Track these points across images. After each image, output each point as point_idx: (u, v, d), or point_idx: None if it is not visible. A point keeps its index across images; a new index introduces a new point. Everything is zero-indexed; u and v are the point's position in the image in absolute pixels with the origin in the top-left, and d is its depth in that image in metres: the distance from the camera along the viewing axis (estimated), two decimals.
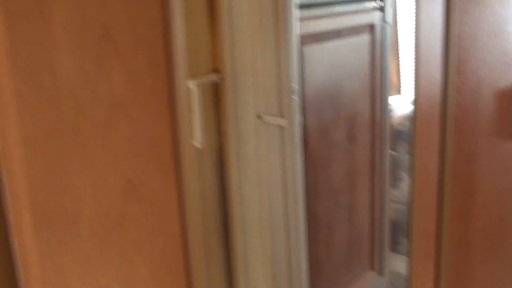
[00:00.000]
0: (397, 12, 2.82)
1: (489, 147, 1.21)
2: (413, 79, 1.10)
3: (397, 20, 2.84)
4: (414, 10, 1.06)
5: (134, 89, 0.76)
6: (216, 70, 0.99)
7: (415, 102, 1.04)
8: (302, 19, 1.21)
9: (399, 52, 2.78)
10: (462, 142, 1.13)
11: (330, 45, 1.13)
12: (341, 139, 1.16)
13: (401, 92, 2.68)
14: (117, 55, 0.73)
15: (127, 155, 0.76)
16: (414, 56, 1.08)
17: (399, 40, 2.81)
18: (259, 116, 1.01)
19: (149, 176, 0.80)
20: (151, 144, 0.80)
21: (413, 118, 1.03)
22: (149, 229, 0.81)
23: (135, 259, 0.80)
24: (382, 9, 1.74)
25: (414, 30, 1.05)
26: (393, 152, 1.66)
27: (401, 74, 2.72)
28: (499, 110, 1.22)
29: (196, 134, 0.97)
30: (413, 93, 1.08)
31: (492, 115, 1.21)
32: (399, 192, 1.67)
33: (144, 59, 0.77)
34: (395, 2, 2.62)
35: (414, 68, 1.08)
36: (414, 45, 1.09)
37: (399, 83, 2.74)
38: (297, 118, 1.01)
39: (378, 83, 1.16)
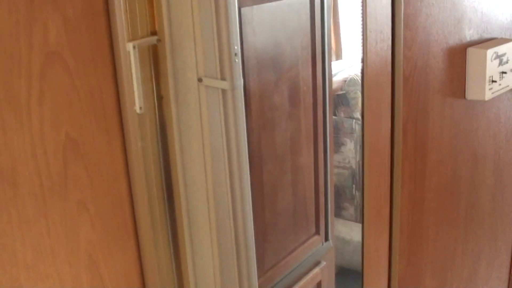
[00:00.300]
0: None
1: (440, 105, 1.20)
2: (362, 35, 1.06)
3: None
4: None
5: (71, 38, 0.71)
6: (154, 32, 0.95)
7: (364, 59, 1.01)
8: None
9: (339, 17, 2.74)
10: (412, 99, 1.11)
11: (270, 7, 1.09)
12: (283, 103, 1.13)
13: (342, 57, 2.66)
14: (52, 0, 0.68)
15: (67, 110, 0.72)
16: (361, 11, 1.05)
17: (338, 5, 2.78)
18: (200, 79, 0.97)
19: (91, 133, 0.76)
20: (92, 99, 0.76)
21: (362, 75, 1.00)
22: (94, 190, 0.78)
23: (80, 220, 0.76)
24: None
25: None
26: (334, 117, 1.64)
27: (341, 39, 2.69)
28: (449, 67, 1.20)
29: (135, 99, 0.92)
30: (362, 50, 1.05)
31: (442, 73, 1.19)
32: (342, 157, 1.66)
33: (81, 6, 0.71)
34: None
35: (362, 23, 1.05)
36: (361, 0, 1.05)
37: (340, 48, 2.71)
38: (240, 81, 0.96)
39: (319, 47, 1.13)
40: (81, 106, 0.74)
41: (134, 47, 0.89)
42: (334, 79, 1.58)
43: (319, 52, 1.15)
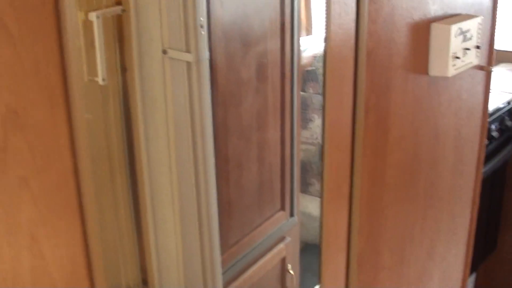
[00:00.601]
0: None
1: (403, 81, 1.18)
2: (325, 7, 1.03)
3: None
4: None
5: (14, 3, 0.66)
6: (119, 2, 0.93)
7: (327, 32, 0.98)
8: None
9: None
10: (375, 74, 1.09)
11: None
12: (250, 77, 1.11)
13: (312, 32, 2.63)
14: None
15: (8, 79, 0.68)
16: None
17: None
18: (164, 51, 0.95)
19: (34, 106, 0.73)
20: (36, 69, 0.72)
21: (325, 48, 0.97)
22: (36, 164, 0.74)
23: (21, 197, 0.74)
24: None
25: None
26: (303, 93, 1.62)
27: (312, 13, 2.66)
28: (413, 43, 1.19)
29: (98, 70, 0.91)
30: (325, 22, 1.02)
31: (406, 48, 1.17)
32: (309, 133, 1.65)
33: None
34: None
35: None
36: None
37: (310, 23, 2.69)
38: (205, 53, 0.94)
39: (289, 21, 1.10)
40: (24, 76, 0.71)
41: (97, 17, 0.88)
42: (304, 54, 1.57)
43: (288, 26, 1.13)
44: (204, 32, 0.94)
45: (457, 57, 1.27)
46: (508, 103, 2.46)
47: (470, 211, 1.60)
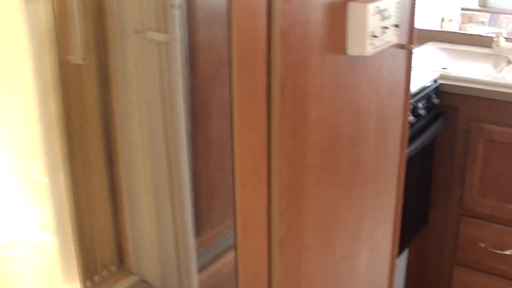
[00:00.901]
0: None
1: (320, 61, 1.17)
2: None
3: None
4: None
5: None
6: None
7: (231, 12, 0.95)
8: None
9: None
10: (290, 55, 1.07)
11: None
12: None
13: None
14: None
15: None
16: None
17: None
18: (138, 31, 0.98)
19: None
20: None
21: (229, 25, 0.94)
22: None
23: None
24: None
25: None
26: None
27: None
28: (330, 22, 1.17)
29: (75, 49, 0.94)
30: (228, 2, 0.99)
31: (323, 27, 1.15)
32: None
33: None
34: None
35: None
36: None
37: None
38: (178, 34, 0.97)
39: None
40: None
41: None
42: None
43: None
44: (178, 13, 0.94)
45: (375, 36, 1.26)
46: (435, 81, 2.50)
47: (396, 189, 1.62)
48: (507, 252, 2.63)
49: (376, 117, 1.41)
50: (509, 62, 2.76)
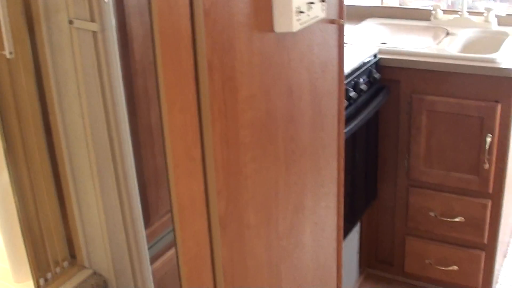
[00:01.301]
0: None
1: (248, 39, 1.18)
2: None
3: None
4: None
5: None
6: None
7: None
8: None
9: None
10: (216, 34, 1.08)
11: None
12: None
13: None
14: None
15: None
16: None
17: None
18: (71, 21, 0.98)
19: None
20: None
21: (149, 7, 0.94)
22: None
23: None
24: None
25: None
26: None
27: None
28: (255, 0, 1.18)
29: (4, 43, 0.93)
30: None
31: (248, 5, 1.16)
32: None
33: None
34: None
35: None
36: None
37: None
38: (110, 22, 0.97)
39: None
40: None
41: None
42: None
43: None
44: (107, 1, 0.94)
45: (301, 12, 1.28)
46: (375, 56, 2.54)
47: (337, 162, 1.64)
48: (457, 220, 2.71)
49: (310, 93, 1.43)
50: (447, 34, 2.82)
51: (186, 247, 1.11)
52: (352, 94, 2.29)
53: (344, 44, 1.59)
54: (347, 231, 2.51)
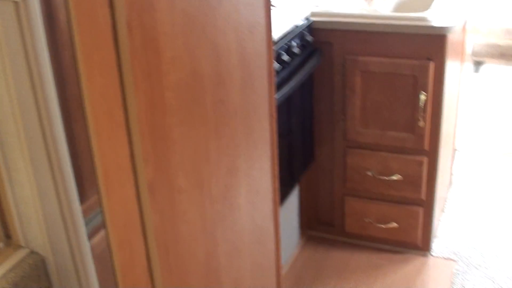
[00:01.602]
0: None
1: None
2: None
3: None
4: None
5: None
6: None
7: None
8: None
9: None
10: None
11: None
12: None
13: None
14: None
15: None
16: None
17: None
18: None
19: None
20: None
21: None
22: None
23: None
24: None
25: None
26: None
27: None
28: None
29: None
30: None
31: None
32: None
33: None
34: None
35: None
36: None
37: None
38: None
39: None
40: None
41: None
42: None
43: None
44: None
45: None
46: (307, 19, 2.53)
47: (269, 124, 1.64)
48: (394, 178, 2.76)
49: (238, 54, 1.41)
50: None
51: (114, 215, 1.08)
52: (285, 57, 2.28)
53: (273, 7, 1.57)
54: (286, 194, 2.53)
